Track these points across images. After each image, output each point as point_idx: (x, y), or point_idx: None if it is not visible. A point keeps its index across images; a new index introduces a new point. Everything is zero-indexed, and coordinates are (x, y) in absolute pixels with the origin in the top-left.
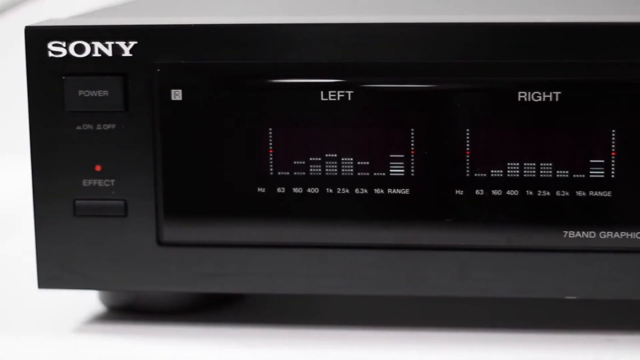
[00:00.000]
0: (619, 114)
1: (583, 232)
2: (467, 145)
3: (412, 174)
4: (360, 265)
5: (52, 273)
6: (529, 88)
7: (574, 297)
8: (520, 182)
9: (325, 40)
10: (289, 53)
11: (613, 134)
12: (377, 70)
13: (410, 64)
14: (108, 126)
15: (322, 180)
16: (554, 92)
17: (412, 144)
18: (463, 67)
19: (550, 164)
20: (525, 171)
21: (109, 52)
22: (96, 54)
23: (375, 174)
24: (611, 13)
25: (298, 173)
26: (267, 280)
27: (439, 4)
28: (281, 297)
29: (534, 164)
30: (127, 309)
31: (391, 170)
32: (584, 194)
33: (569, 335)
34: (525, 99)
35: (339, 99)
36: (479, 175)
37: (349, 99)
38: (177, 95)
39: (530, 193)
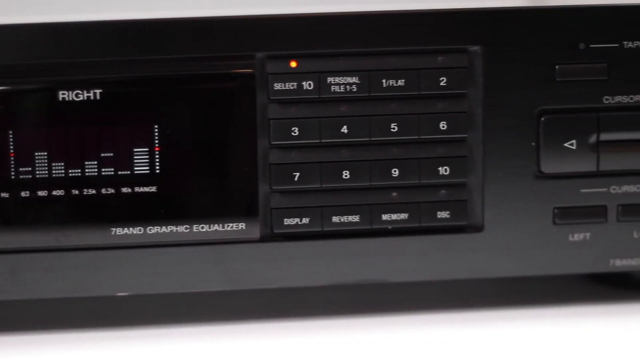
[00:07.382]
0: (161, 109)
1: (130, 228)
2: (11, 147)
3: None
4: None
5: None
6: (69, 87)
7: (126, 294)
8: (66, 182)
9: None
10: None
11: (156, 130)
12: None
13: None
14: None
15: None
16: (94, 91)
17: None
18: (2, 69)
19: (95, 163)
20: (70, 171)
21: None
22: None
23: None
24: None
25: None
26: None
27: None
28: None
29: (79, 163)
30: None
31: None
32: (129, 190)
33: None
34: (67, 98)
35: None
36: (24, 177)
37: None
38: None
39: (76, 192)
